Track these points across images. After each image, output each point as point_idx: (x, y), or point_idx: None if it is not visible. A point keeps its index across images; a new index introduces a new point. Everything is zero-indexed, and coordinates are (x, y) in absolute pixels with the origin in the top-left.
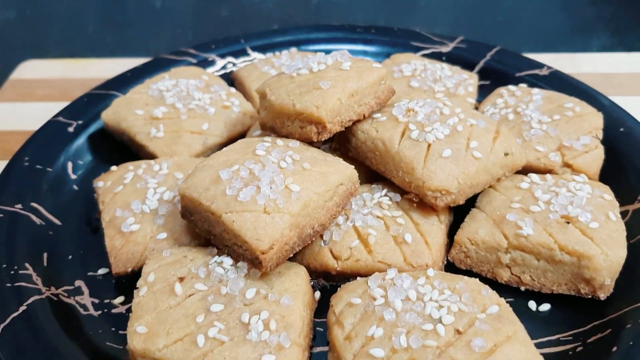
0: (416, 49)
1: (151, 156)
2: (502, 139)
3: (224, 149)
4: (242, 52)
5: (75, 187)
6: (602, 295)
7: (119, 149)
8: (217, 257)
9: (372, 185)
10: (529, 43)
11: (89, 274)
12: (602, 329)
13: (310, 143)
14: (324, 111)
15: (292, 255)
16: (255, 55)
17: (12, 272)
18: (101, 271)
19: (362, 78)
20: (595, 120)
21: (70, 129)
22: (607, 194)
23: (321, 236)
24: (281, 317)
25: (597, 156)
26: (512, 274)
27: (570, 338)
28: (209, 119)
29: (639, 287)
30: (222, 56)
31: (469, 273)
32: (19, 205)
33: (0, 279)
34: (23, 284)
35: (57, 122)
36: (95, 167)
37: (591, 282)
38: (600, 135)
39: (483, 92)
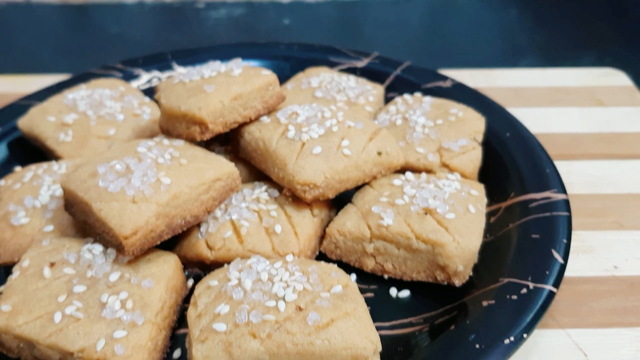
0: (333, 64)
1: (59, 159)
2: (378, 139)
3: (112, 147)
4: (167, 67)
5: None
6: (458, 282)
7: (35, 155)
8: (89, 244)
9: (255, 183)
10: (461, 66)
11: None
12: (450, 312)
13: (200, 143)
14: (205, 112)
15: (160, 242)
16: (179, 70)
17: None
18: None
19: (247, 83)
20: (477, 124)
21: None
22: (475, 190)
23: (199, 228)
24: (140, 297)
25: (473, 157)
26: (376, 262)
27: (421, 321)
28: (117, 125)
29: (494, 275)
30: (148, 70)
31: (340, 264)
32: None
33: None
34: None
35: None
36: (9, 171)
37: (445, 269)
38: (480, 139)
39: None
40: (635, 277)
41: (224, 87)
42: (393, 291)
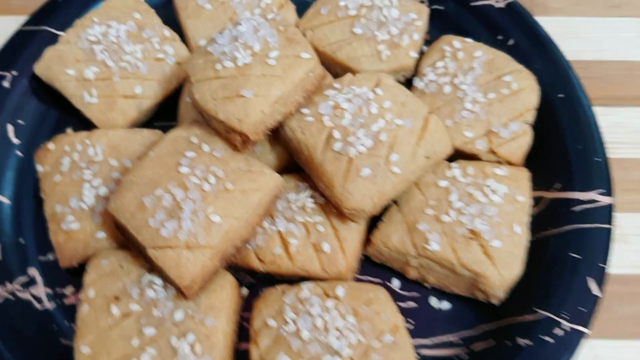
0: None
1: (87, 120)
2: (427, 138)
3: (150, 155)
4: None
5: (19, 153)
6: (496, 302)
7: (58, 99)
8: (148, 275)
9: (298, 183)
10: None
11: (41, 258)
12: (487, 336)
13: None
14: (245, 125)
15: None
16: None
17: None
18: (51, 256)
19: (287, 78)
20: (530, 98)
21: (6, 84)
22: (521, 195)
23: None
24: (206, 337)
25: (523, 143)
26: (419, 273)
27: (460, 342)
28: (142, 78)
29: (530, 300)
30: None
31: (383, 266)
32: None
33: None
34: None
35: None
36: (39, 125)
37: (485, 292)
38: (531, 119)
39: (436, 20)
40: None
41: (263, 89)
42: (433, 301)
